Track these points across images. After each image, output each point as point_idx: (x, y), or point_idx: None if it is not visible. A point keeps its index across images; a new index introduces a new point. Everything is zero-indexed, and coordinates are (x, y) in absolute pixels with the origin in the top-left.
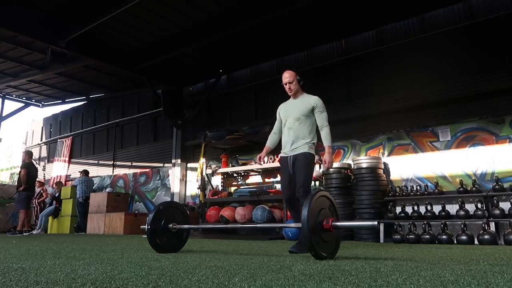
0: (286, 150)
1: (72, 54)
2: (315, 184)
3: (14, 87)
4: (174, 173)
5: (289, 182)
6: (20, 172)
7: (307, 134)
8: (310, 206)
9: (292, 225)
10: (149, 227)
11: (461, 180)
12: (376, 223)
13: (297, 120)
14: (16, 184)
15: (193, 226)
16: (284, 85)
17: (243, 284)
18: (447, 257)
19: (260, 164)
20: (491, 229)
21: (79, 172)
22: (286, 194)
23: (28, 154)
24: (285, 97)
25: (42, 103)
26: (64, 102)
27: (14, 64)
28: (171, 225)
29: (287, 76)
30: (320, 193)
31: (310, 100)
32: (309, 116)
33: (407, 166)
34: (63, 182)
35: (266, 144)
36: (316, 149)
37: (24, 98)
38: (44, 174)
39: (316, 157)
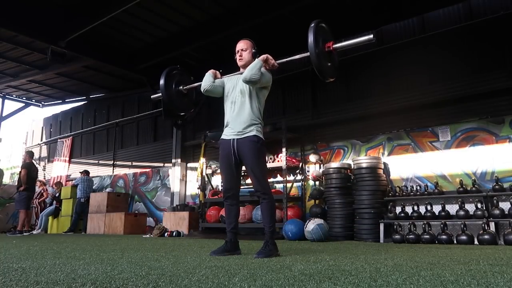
0: (228, 132)
1: (72, 54)
2: (315, 183)
3: (14, 87)
4: (174, 173)
5: (232, 176)
6: (20, 172)
7: (256, 111)
8: (315, 31)
9: (297, 56)
10: (163, 85)
11: (461, 180)
12: (371, 36)
13: (241, 93)
14: (16, 184)
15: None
16: (236, 53)
17: (243, 284)
18: (447, 257)
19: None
20: (491, 229)
21: (80, 172)
22: (229, 187)
23: (29, 154)
24: (285, 97)
25: (42, 103)
26: (64, 102)
27: (14, 64)
28: (181, 87)
29: (241, 43)
30: (320, 21)
31: None
32: (257, 90)
33: (407, 166)
34: (63, 182)
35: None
36: (318, 148)
37: (24, 98)
38: (44, 174)
39: (316, 157)
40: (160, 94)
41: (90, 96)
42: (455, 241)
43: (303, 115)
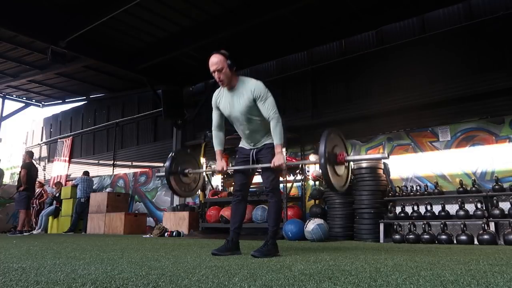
0: (246, 144)
1: (72, 54)
2: (315, 183)
3: (14, 87)
4: None
5: (245, 179)
6: (20, 172)
7: (266, 124)
8: (326, 141)
9: (307, 162)
10: (168, 170)
11: (461, 180)
12: (386, 154)
13: (247, 120)
14: (16, 184)
15: (204, 170)
16: (212, 73)
17: (243, 284)
18: (447, 257)
19: (228, 173)
20: (491, 229)
21: (82, 173)
22: (240, 188)
23: (29, 154)
24: (285, 97)
25: (42, 103)
26: (64, 102)
27: (14, 64)
28: (186, 170)
29: (214, 62)
30: (334, 130)
31: (248, 91)
32: (258, 109)
33: (407, 166)
34: (63, 182)
35: (217, 149)
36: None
37: (24, 98)
38: (44, 174)
39: (316, 157)
40: (164, 174)
41: (90, 96)
42: (455, 241)
43: (303, 115)
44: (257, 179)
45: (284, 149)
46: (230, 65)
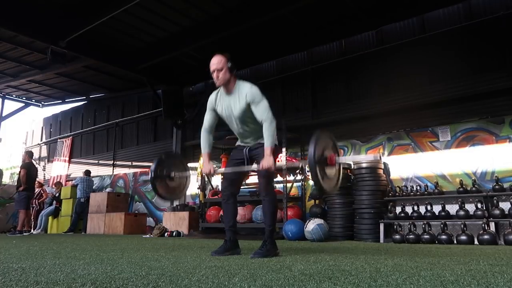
0: (242, 143)
1: (72, 54)
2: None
3: (14, 87)
4: None
5: (235, 177)
6: (20, 172)
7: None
8: (316, 143)
9: (297, 164)
10: (153, 175)
11: (461, 180)
12: (377, 156)
13: (242, 123)
14: (16, 184)
15: (190, 173)
16: (212, 73)
17: (243, 284)
18: (447, 257)
19: (212, 176)
20: (491, 229)
21: (82, 173)
22: (228, 184)
23: (29, 154)
24: (285, 97)
25: (42, 103)
26: (64, 102)
27: (14, 64)
28: (173, 174)
29: (215, 63)
30: (324, 132)
31: (243, 95)
32: (253, 113)
33: (407, 166)
34: (63, 182)
35: (204, 152)
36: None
37: (24, 98)
38: (44, 174)
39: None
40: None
41: (90, 96)
42: (455, 241)
43: (303, 115)
44: (256, 179)
45: (284, 149)
46: (230, 68)
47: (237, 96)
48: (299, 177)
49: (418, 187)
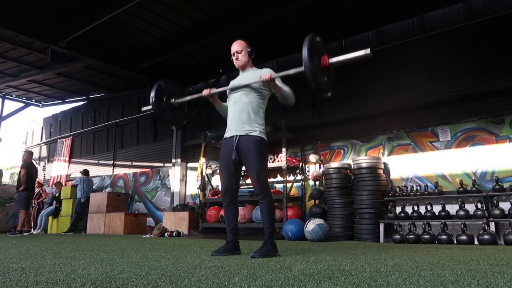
0: (230, 131)
1: (72, 54)
2: (315, 183)
3: (14, 87)
4: (174, 173)
5: (231, 175)
6: (20, 172)
7: (259, 112)
8: (309, 46)
9: (292, 71)
10: (153, 100)
11: (461, 180)
12: (368, 50)
13: (244, 92)
14: (16, 184)
15: (194, 96)
16: (232, 56)
17: (243, 284)
18: (447, 257)
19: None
20: (491, 229)
21: (80, 172)
22: (227, 187)
23: (29, 154)
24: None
25: (42, 103)
26: (64, 102)
27: (14, 64)
28: (173, 100)
29: (236, 45)
30: (314, 37)
31: (261, 71)
32: (260, 91)
33: (407, 166)
34: (62, 182)
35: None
36: (318, 148)
37: (24, 98)
38: (44, 174)
39: (316, 157)
40: (151, 107)
41: (90, 96)
42: (455, 241)
43: (303, 115)
44: None
45: (284, 149)
46: (250, 52)
47: (252, 72)
48: (299, 177)
49: (418, 187)
